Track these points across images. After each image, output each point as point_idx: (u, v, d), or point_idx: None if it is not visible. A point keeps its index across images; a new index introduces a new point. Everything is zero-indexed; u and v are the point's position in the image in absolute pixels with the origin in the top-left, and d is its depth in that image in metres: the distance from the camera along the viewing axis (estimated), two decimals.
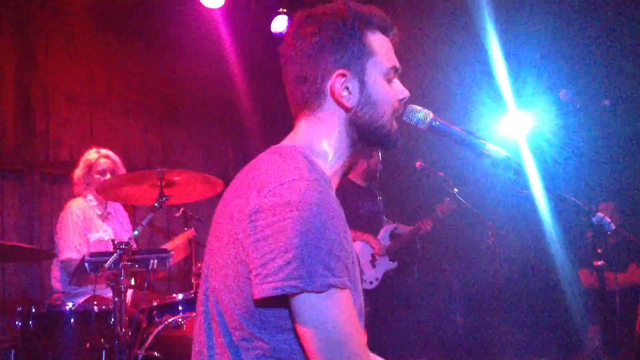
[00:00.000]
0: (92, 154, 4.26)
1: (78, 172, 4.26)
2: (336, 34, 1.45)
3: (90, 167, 4.22)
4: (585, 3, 5.14)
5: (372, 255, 5.10)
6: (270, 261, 1.25)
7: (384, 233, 5.22)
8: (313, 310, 1.25)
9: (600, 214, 1.78)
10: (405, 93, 1.55)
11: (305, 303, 1.24)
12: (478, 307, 5.58)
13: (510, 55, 5.33)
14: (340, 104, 1.47)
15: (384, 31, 1.53)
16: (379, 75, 1.49)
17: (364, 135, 1.50)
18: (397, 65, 1.53)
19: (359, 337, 1.30)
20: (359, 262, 4.93)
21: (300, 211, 1.25)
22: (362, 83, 1.47)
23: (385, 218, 5.41)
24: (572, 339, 4.88)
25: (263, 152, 1.50)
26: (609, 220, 1.78)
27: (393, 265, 5.16)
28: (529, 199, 4.53)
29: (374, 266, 5.09)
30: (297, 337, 1.29)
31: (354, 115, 1.48)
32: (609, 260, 1.91)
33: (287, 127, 1.57)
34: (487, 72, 5.39)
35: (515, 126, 5.37)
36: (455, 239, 5.70)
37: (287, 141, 1.53)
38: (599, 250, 1.91)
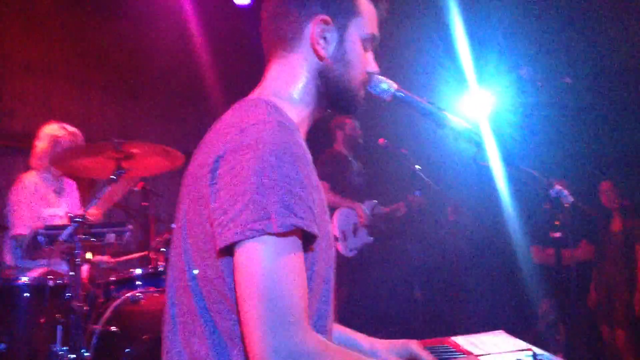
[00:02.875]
0: (58, 130, 4.13)
1: (42, 146, 4.12)
2: None
3: (55, 142, 4.09)
4: None
5: (355, 225, 5.11)
6: (230, 207, 1.19)
7: (367, 205, 5.24)
8: (266, 255, 1.15)
9: (558, 187, 1.80)
10: (375, 68, 1.55)
11: (260, 247, 1.15)
12: (436, 281, 5.67)
13: (472, 33, 5.36)
14: (314, 50, 1.45)
15: (374, 2, 1.53)
16: (358, 37, 1.48)
17: (330, 90, 1.48)
18: (377, 35, 1.53)
19: (305, 302, 1.18)
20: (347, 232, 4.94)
21: (257, 151, 1.20)
22: (341, 38, 1.46)
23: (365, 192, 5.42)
24: (526, 312, 5.00)
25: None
26: (567, 193, 1.80)
27: (370, 239, 5.19)
28: (489, 175, 4.61)
29: (355, 235, 5.11)
30: None
31: (324, 67, 1.46)
32: (566, 233, 1.94)
33: None
34: (449, 50, 5.42)
35: (477, 104, 5.43)
36: (416, 214, 5.76)
37: (254, 92, 1.50)
38: (557, 223, 1.94)
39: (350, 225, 5.11)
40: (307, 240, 1.24)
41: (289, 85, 1.46)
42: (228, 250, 1.20)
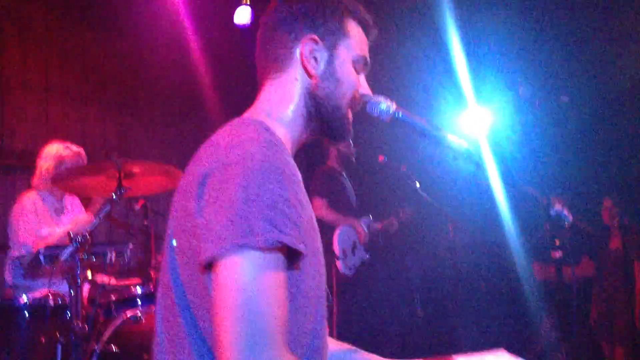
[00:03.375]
0: (63, 150, 4.12)
1: (46, 166, 4.11)
2: (319, 5, 1.49)
3: (60, 162, 4.09)
4: (544, 1, 5.24)
5: (354, 242, 5.09)
6: (214, 222, 1.18)
7: (364, 222, 5.23)
8: (244, 271, 1.13)
9: (558, 207, 1.81)
10: (366, 90, 1.57)
11: (240, 264, 1.14)
12: (437, 298, 5.66)
13: (470, 52, 5.40)
14: (305, 69, 1.48)
15: (365, 27, 1.57)
16: (348, 57, 1.51)
17: (319, 109, 1.50)
18: (368, 58, 1.56)
19: (284, 322, 1.16)
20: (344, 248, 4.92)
21: (244, 167, 1.20)
22: (331, 57, 1.50)
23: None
24: (528, 330, 4.99)
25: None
26: (566, 212, 1.81)
27: (367, 256, 5.17)
28: (488, 192, 4.62)
29: (354, 253, 5.09)
30: None
31: (315, 86, 1.49)
32: (566, 252, 1.95)
33: None
34: (448, 68, 5.45)
35: (475, 122, 5.46)
36: (416, 232, 5.76)
37: (246, 113, 1.52)
38: (557, 242, 1.95)
39: (350, 243, 5.10)
40: (293, 258, 1.23)
41: (279, 106, 1.49)
42: (212, 266, 1.19)
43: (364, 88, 1.57)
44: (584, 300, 4.61)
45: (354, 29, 1.53)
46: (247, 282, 1.14)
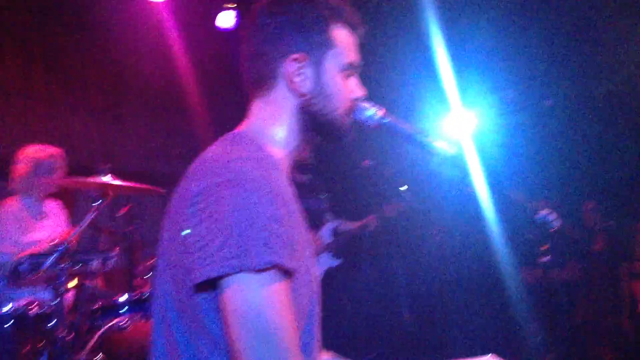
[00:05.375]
0: (38, 152, 4.06)
1: (21, 170, 4.05)
2: (302, 18, 1.45)
3: (37, 165, 4.03)
4: (528, 4, 5.27)
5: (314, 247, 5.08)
6: (208, 243, 1.19)
7: (324, 230, 5.21)
8: (247, 293, 1.16)
9: (544, 211, 1.81)
10: (359, 93, 1.55)
11: (239, 285, 1.16)
12: (425, 303, 5.66)
13: (454, 55, 5.42)
14: (292, 89, 1.46)
15: (352, 27, 1.52)
16: (336, 68, 1.48)
17: (315, 124, 1.49)
18: (358, 61, 1.53)
19: (294, 334, 1.20)
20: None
21: (236, 188, 1.21)
22: (318, 72, 1.46)
23: (327, 216, 5.38)
24: (516, 334, 5.00)
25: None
26: (552, 217, 1.81)
27: (336, 262, 5.15)
28: (474, 197, 4.63)
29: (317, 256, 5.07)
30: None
31: (305, 103, 1.47)
32: (553, 256, 1.96)
33: (236, 123, 1.54)
34: (432, 72, 5.47)
35: (460, 125, 5.47)
36: (403, 237, 5.77)
37: (239, 128, 1.50)
38: (545, 247, 1.95)
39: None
40: (286, 276, 1.24)
41: (272, 123, 1.47)
42: (206, 285, 1.20)
43: (357, 90, 1.55)
44: (570, 302, 4.64)
45: (340, 34, 1.49)
46: (251, 304, 1.16)
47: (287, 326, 1.18)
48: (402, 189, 4.94)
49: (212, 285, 1.20)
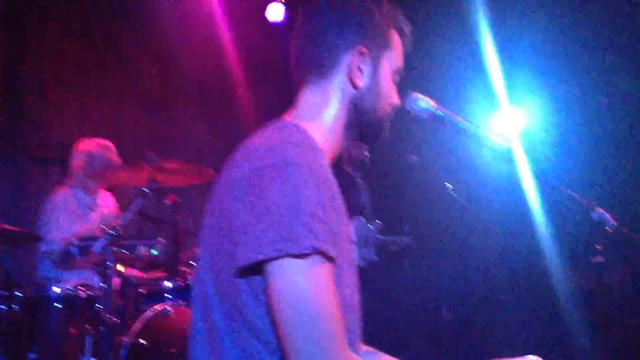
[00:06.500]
0: (91, 145, 4.23)
1: (76, 162, 4.21)
2: (370, 12, 1.46)
3: (90, 158, 4.18)
4: None
5: (367, 238, 5.06)
6: (252, 227, 1.19)
7: (376, 226, 5.18)
8: (292, 278, 1.16)
9: (600, 209, 1.76)
10: (398, 101, 1.57)
11: (284, 269, 1.16)
12: (466, 302, 5.58)
13: (503, 51, 5.31)
14: (351, 79, 1.45)
15: (403, 35, 1.55)
16: (389, 70, 1.50)
17: (360, 120, 1.49)
18: (402, 70, 1.55)
19: (339, 319, 1.19)
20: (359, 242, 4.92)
21: (281, 172, 1.21)
22: (375, 70, 1.47)
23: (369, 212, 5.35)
24: (563, 338, 4.88)
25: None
26: (608, 216, 1.76)
27: (375, 258, 5.13)
28: (523, 195, 4.53)
29: (366, 247, 5.06)
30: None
31: (358, 97, 1.47)
32: (608, 257, 1.90)
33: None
34: (480, 68, 5.37)
35: (509, 123, 5.37)
36: (446, 234, 5.69)
37: (286, 115, 1.51)
38: (599, 247, 1.89)
39: (363, 236, 5.07)
40: (329, 262, 1.23)
41: (320, 112, 1.47)
42: (248, 270, 1.21)
43: (397, 97, 1.57)
44: (621, 306, 4.48)
45: (395, 39, 1.52)
46: (296, 288, 1.16)
47: (333, 310, 1.18)
48: (447, 186, 4.87)
49: (253, 270, 1.20)
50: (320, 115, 1.47)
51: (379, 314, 4.99)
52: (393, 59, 1.50)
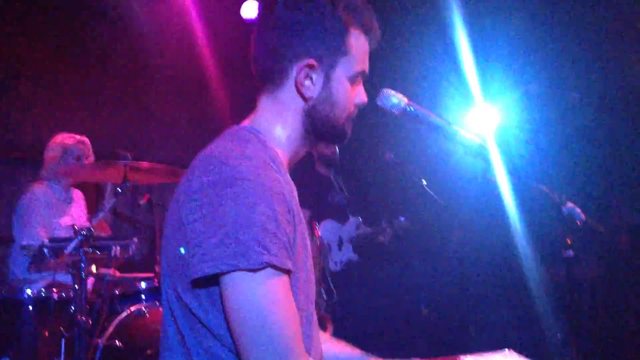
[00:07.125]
0: (67, 139, 4.20)
1: (52, 156, 4.17)
2: (322, 19, 1.43)
3: (65, 151, 4.14)
4: None
5: (340, 238, 5.08)
6: (205, 240, 1.22)
7: (351, 224, 5.20)
8: (245, 291, 1.19)
9: (570, 204, 1.79)
10: (364, 100, 1.54)
11: (236, 283, 1.19)
12: (444, 298, 5.62)
13: (477, 48, 5.35)
14: (299, 92, 1.45)
15: (366, 32, 1.50)
16: (345, 76, 1.47)
17: (316, 129, 1.49)
18: (366, 70, 1.52)
19: (295, 328, 1.23)
20: (324, 247, 4.92)
21: (235, 187, 1.23)
22: (327, 79, 1.45)
23: (349, 211, 5.36)
24: (536, 331, 4.94)
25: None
26: (578, 210, 1.78)
27: (354, 256, 5.15)
28: (496, 191, 4.57)
29: (340, 249, 5.07)
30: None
31: (310, 108, 1.47)
32: (578, 251, 1.92)
33: None
34: (454, 65, 5.40)
35: (483, 120, 5.41)
36: (423, 231, 5.72)
37: (245, 121, 1.52)
38: (569, 241, 1.92)
39: (335, 238, 5.08)
40: (283, 274, 1.26)
41: (276, 121, 1.48)
42: (204, 281, 1.24)
43: (360, 97, 1.54)
44: (593, 300, 4.55)
45: (356, 40, 1.47)
46: (249, 301, 1.20)
47: (287, 322, 1.21)
48: (422, 182, 4.90)
49: (209, 281, 1.23)
50: (277, 122, 1.47)
51: (357, 311, 5.01)
52: (351, 63, 1.46)
